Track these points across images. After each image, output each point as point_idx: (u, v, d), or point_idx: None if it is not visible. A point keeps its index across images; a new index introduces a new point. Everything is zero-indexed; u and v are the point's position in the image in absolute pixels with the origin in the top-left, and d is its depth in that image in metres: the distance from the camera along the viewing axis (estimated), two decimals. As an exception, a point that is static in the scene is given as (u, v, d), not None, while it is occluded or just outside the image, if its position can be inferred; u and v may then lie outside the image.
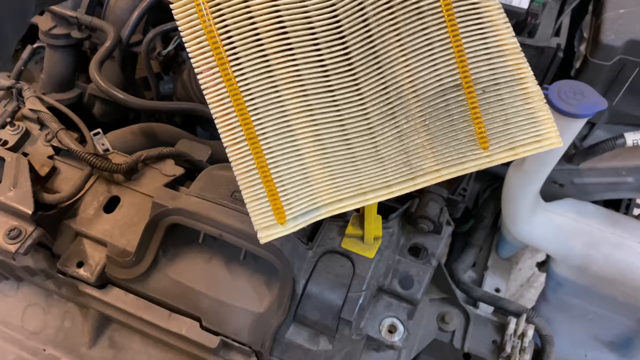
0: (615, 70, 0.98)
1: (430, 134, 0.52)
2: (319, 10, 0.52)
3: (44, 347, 0.94)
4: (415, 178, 0.54)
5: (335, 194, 0.56)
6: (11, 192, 0.85)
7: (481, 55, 0.48)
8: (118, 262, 0.86)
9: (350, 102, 0.54)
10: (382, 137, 0.53)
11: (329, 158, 0.55)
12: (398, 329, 0.81)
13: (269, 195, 0.55)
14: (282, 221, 0.56)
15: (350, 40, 0.53)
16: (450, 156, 0.53)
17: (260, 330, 0.82)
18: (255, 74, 0.54)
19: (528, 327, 0.97)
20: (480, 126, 0.51)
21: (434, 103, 0.51)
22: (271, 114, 0.54)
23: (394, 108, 0.52)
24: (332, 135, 0.54)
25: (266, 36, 0.53)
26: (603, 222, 1.09)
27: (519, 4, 0.94)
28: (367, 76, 0.53)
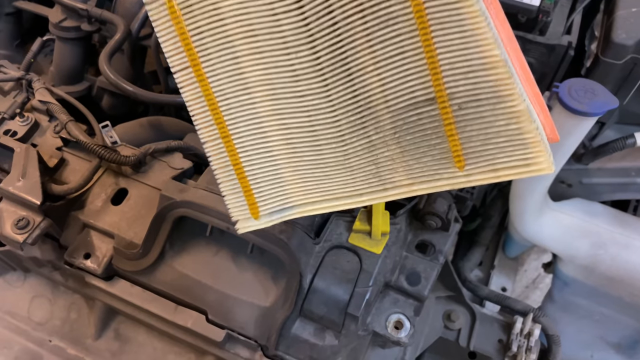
0: (627, 69, 0.97)
1: (402, 148, 0.49)
2: (287, 13, 0.50)
3: (49, 338, 0.94)
4: (386, 190, 0.52)
5: (306, 196, 0.55)
6: (20, 183, 0.85)
7: (459, 68, 0.43)
8: (125, 254, 0.86)
9: (320, 109, 0.52)
10: (352, 146, 0.51)
11: (300, 162, 0.54)
12: (404, 325, 0.80)
13: (244, 191, 0.55)
14: (256, 216, 0.57)
15: (320, 44, 0.50)
16: (422, 172, 0.50)
17: (266, 325, 0.82)
18: (227, 75, 0.53)
19: (534, 326, 0.97)
20: (455, 144, 0.46)
21: (405, 116, 0.47)
22: (244, 115, 0.54)
23: (365, 118, 0.49)
24: (303, 140, 0.53)
25: (237, 38, 0.52)
26: (611, 223, 1.08)
27: (531, 1, 0.93)
28: (337, 83, 0.50)
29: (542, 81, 1.04)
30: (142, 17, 1.15)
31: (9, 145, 0.90)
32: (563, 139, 0.93)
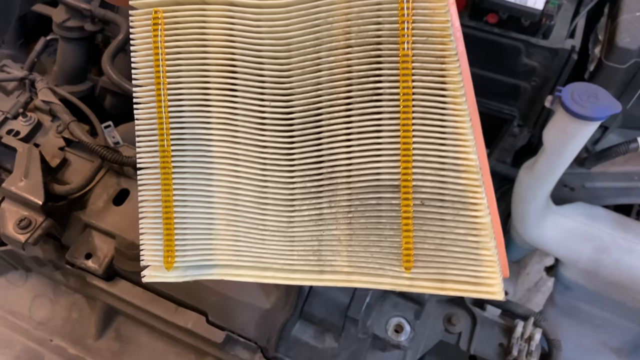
0: (630, 73, 0.97)
1: (352, 230, 0.44)
2: (272, 61, 0.46)
3: (50, 337, 0.95)
4: (322, 273, 0.47)
5: (233, 257, 0.50)
6: (22, 183, 0.86)
7: (431, 162, 0.40)
8: (126, 254, 0.86)
9: (278, 165, 0.47)
10: (300, 214, 0.46)
11: (238, 216, 0.49)
12: (404, 329, 0.80)
13: (165, 233, 0.50)
14: (169, 266, 0.52)
15: (296, 100, 0.46)
16: (365, 263, 0.45)
17: (266, 326, 0.82)
18: (192, 102, 0.49)
19: (535, 330, 0.97)
20: (408, 241, 0.43)
21: (364, 197, 0.43)
22: (195, 149, 0.49)
23: (322, 187, 0.45)
24: (249, 192, 0.48)
25: (214, 68, 0.48)
26: (614, 227, 1.08)
27: (534, 4, 0.93)
28: (303, 142, 0.46)
29: (545, 85, 1.03)
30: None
31: (11, 145, 0.90)
32: (565, 143, 0.93)
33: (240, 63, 0.48)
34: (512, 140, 1.14)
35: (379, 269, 0.45)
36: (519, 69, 1.02)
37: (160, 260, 0.50)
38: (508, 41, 0.98)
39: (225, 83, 0.48)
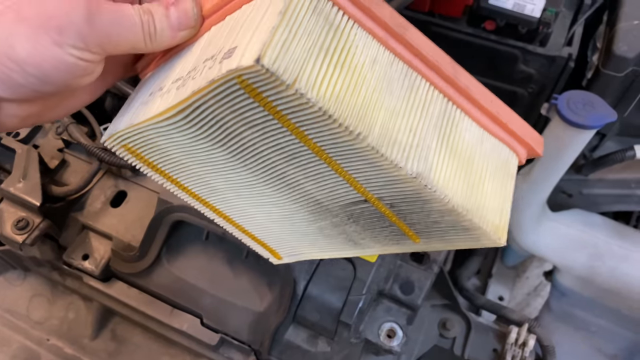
0: (627, 81, 0.97)
1: (362, 227, 0.49)
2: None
3: (47, 337, 0.95)
4: (364, 250, 0.54)
5: (309, 250, 0.58)
6: (20, 184, 0.86)
7: (376, 181, 0.42)
8: (122, 256, 0.87)
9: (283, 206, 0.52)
10: (320, 224, 0.52)
11: (288, 234, 0.56)
12: (397, 334, 0.81)
13: (261, 244, 0.59)
14: (279, 258, 0.60)
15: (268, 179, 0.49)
16: (386, 242, 0.51)
17: (260, 330, 0.82)
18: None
19: (529, 336, 0.97)
20: (404, 227, 0.46)
21: (349, 209, 0.47)
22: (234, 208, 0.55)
23: (319, 210, 0.49)
24: (283, 225, 0.54)
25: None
26: (610, 234, 1.08)
27: (531, 12, 0.93)
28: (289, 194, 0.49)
29: (542, 92, 1.04)
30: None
31: (11, 146, 0.91)
32: (561, 150, 0.93)
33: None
34: (509, 146, 1.14)
35: (397, 243, 0.50)
36: (516, 75, 1.02)
37: (272, 256, 0.60)
38: (505, 48, 0.98)
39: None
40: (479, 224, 0.42)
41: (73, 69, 0.41)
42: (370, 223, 0.48)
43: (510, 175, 0.46)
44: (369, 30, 0.39)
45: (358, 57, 0.38)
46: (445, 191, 0.40)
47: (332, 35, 0.37)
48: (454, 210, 0.41)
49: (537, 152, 0.47)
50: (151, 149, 0.46)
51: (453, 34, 1.01)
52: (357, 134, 0.37)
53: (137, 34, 0.41)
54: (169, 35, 0.43)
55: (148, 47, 0.43)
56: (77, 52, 0.40)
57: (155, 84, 0.45)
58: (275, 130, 0.39)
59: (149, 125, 0.43)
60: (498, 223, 0.44)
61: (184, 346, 0.89)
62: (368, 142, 0.37)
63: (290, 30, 0.35)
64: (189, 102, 0.39)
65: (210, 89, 0.37)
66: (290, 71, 0.34)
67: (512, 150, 0.47)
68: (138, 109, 0.44)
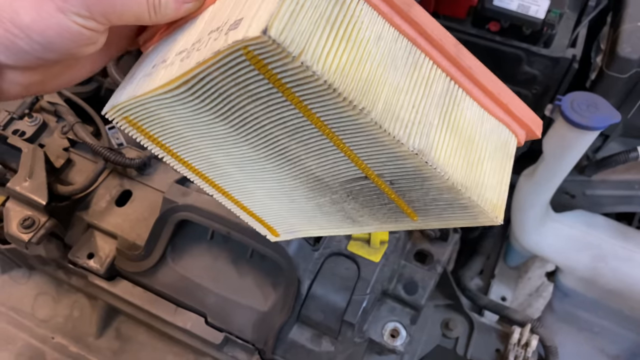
0: (631, 83, 0.98)
1: (360, 204, 0.50)
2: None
3: (52, 335, 0.96)
4: (362, 227, 0.54)
5: (306, 228, 0.58)
6: (26, 183, 0.87)
7: (377, 158, 0.43)
8: (127, 255, 0.87)
9: (286, 183, 0.52)
10: (319, 201, 0.53)
11: (288, 209, 0.56)
12: (400, 334, 0.81)
13: (258, 220, 0.59)
14: (277, 235, 0.60)
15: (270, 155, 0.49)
16: (385, 219, 0.51)
17: (264, 329, 0.83)
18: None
19: (532, 337, 0.97)
20: (402, 204, 0.47)
21: (349, 186, 0.48)
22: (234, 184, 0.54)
23: (318, 186, 0.50)
24: (282, 199, 0.54)
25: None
26: (612, 235, 1.08)
27: (536, 13, 0.93)
28: (289, 170, 0.49)
29: (546, 93, 1.04)
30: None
31: (17, 145, 0.91)
32: (565, 151, 0.94)
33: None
34: (513, 147, 1.14)
35: (396, 221, 0.50)
36: (520, 76, 1.02)
37: (269, 233, 0.60)
38: (509, 49, 0.99)
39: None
40: (477, 202, 0.42)
41: (77, 37, 0.40)
42: (369, 200, 0.48)
43: (509, 155, 0.46)
44: (375, 6, 0.39)
45: (364, 32, 0.38)
46: (445, 168, 0.41)
47: (338, 9, 0.37)
48: (453, 188, 0.41)
49: (535, 134, 0.48)
50: (153, 122, 0.46)
51: (457, 35, 1.00)
52: (361, 109, 0.37)
53: (141, 4, 0.41)
54: (173, 7, 0.43)
55: (152, 19, 0.43)
56: (81, 20, 0.40)
57: (159, 57, 0.45)
58: (279, 104, 0.39)
59: (152, 97, 0.42)
60: (496, 202, 0.44)
61: (188, 345, 0.89)
62: (371, 117, 0.37)
63: (298, 2, 0.35)
64: (193, 74, 0.39)
65: (215, 60, 0.37)
66: (296, 43, 0.34)
67: (512, 131, 0.47)
68: (140, 80, 0.44)
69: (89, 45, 0.42)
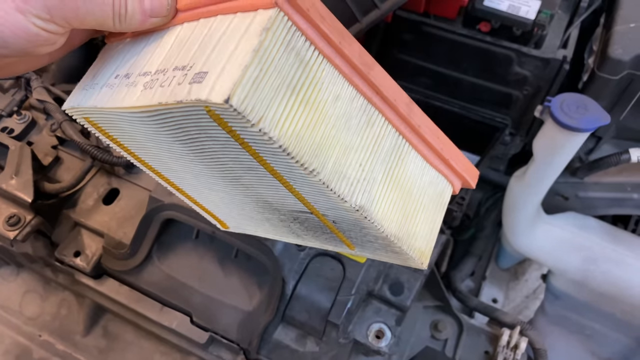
0: (623, 84, 0.97)
1: (305, 228, 0.54)
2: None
3: (39, 333, 0.96)
4: (307, 243, 0.57)
5: (253, 228, 0.61)
6: (13, 180, 0.87)
7: (321, 203, 0.45)
8: (113, 253, 0.87)
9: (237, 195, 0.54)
10: (266, 215, 0.56)
11: (236, 213, 0.59)
12: (385, 335, 0.80)
13: (207, 212, 0.61)
14: (227, 227, 0.63)
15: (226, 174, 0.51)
16: (327, 242, 0.55)
17: (249, 329, 0.82)
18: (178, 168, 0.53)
19: (521, 339, 0.97)
20: (342, 238, 0.51)
21: (295, 215, 0.51)
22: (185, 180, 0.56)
23: (266, 206, 0.53)
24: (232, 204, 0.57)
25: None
26: (604, 238, 1.08)
27: (526, 14, 0.93)
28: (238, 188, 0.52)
29: (537, 95, 1.03)
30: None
31: (4, 142, 0.91)
32: (555, 153, 0.93)
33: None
34: (504, 148, 1.14)
35: (337, 246, 0.55)
36: (510, 77, 1.02)
37: (218, 224, 0.63)
38: (500, 50, 0.98)
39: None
40: (407, 251, 0.46)
41: (34, 38, 0.39)
42: (313, 227, 0.52)
43: (442, 205, 0.50)
44: (337, 67, 0.40)
45: (323, 93, 0.39)
46: (382, 222, 0.44)
47: (301, 72, 0.38)
48: (387, 239, 0.45)
49: (470, 185, 0.52)
50: (113, 127, 0.47)
51: (448, 35, 1.00)
52: (312, 170, 0.39)
53: (106, 12, 0.40)
54: (139, 19, 0.42)
55: (116, 27, 0.42)
56: (40, 22, 0.38)
57: (122, 67, 0.45)
58: (236, 150, 0.41)
59: (113, 112, 0.43)
60: (424, 249, 0.48)
61: (174, 344, 0.89)
62: (320, 177, 0.39)
63: (262, 69, 0.35)
64: (154, 109, 0.39)
65: (177, 107, 0.38)
66: (256, 111, 0.35)
67: (449, 181, 0.50)
68: (103, 91, 0.44)
69: (46, 45, 0.41)
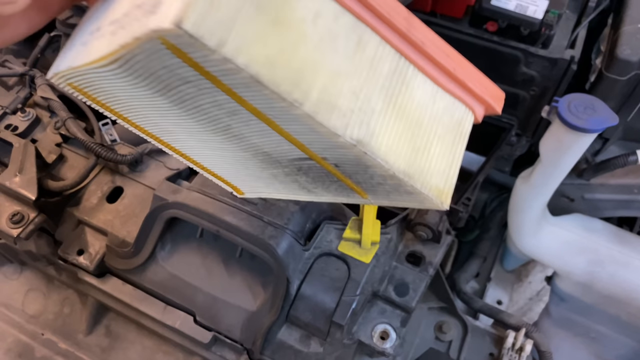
0: (631, 85, 0.96)
1: (312, 179, 0.49)
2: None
3: (42, 331, 0.95)
4: (319, 197, 0.53)
5: (265, 190, 0.58)
6: (17, 178, 0.86)
7: (317, 144, 0.41)
8: (117, 252, 0.87)
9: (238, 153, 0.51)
10: (272, 172, 0.52)
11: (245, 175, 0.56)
12: (390, 336, 0.80)
13: (222, 181, 0.58)
14: (242, 193, 0.60)
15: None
16: (336, 193, 0.50)
17: (252, 329, 0.82)
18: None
19: (527, 341, 0.96)
20: (350, 184, 0.46)
21: (297, 164, 0.47)
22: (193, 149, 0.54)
23: (269, 160, 0.49)
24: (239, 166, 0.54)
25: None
26: (610, 240, 1.07)
27: (534, 14, 0.92)
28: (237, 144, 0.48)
29: (544, 95, 1.03)
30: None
31: (8, 140, 0.91)
32: (561, 153, 0.92)
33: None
34: (510, 149, 1.13)
35: (347, 196, 0.50)
36: (517, 77, 1.01)
37: (234, 192, 0.61)
38: (507, 50, 0.97)
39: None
40: (421, 190, 0.42)
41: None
42: (319, 177, 0.47)
43: (462, 135, 0.44)
44: None
45: (298, 10, 0.34)
46: (386, 158, 0.39)
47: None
48: (395, 177, 0.40)
49: (495, 110, 0.45)
50: (96, 89, 0.43)
51: (455, 35, 1.00)
52: (292, 101, 0.34)
53: None
54: None
55: None
56: None
57: (96, 21, 0.41)
58: (210, 89, 0.37)
59: (87, 70, 0.39)
60: (442, 187, 0.43)
61: (177, 343, 0.88)
62: (304, 109, 0.35)
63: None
64: (118, 55, 0.35)
65: (136, 46, 0.33)
66: (216, 34, 0.30)
67: (469, 107, 0.44)
68: (78, 49, 0.40)
69: (6, 4, 0.37)
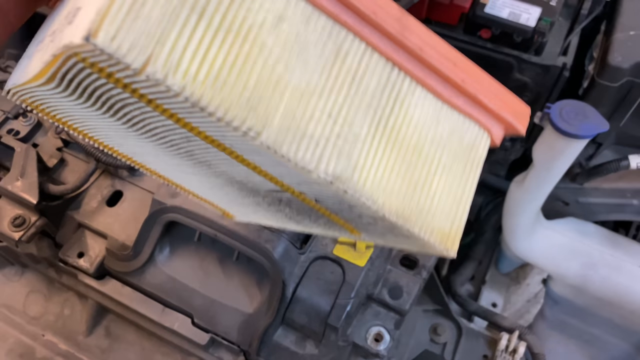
0: (623, 92, 0.97)
1: (297, 211, 0.42)
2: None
3: (43, 332, 0.97)
4: (309, 229, 0.45)
5: (255, 217, 0.54)
6: (18, 182, 0.88)
7: (291, 179, 0.34)
8: (116, 255, 0.88)
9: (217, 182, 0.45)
10: (256, 199, 0.45)
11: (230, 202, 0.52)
12: (384, 338, 0.81)
13: (211, 204, 0.56)
14: (232, 217, 0.59)
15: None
16: (327, 229, 0.43)
17: (249, 331, 0.83)
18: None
19: (520, 344, 0.98)
20: (337, 220, 0.38)
21: (277, 195, 0.40)
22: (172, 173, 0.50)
23: (248, 188, 0.43)
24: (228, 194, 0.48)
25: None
26: (603, 243, 1.08)
27: (527, 21, 0.94)
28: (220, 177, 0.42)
29: (537, 101, 1.04)
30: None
31: (10, 144, 0.93)
32: (554, 159, 0.94)
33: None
34: (504, 153, 1.14)
35: (337, 232, 0.42)
36: (511, 84, 1.03)
37: (225, 216, 0.59)
38: (500, 56, 0.99)
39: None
40: (419, 235, 0.33)
41: None
42: (303, 210, 0.39)
43: (474, 164, 0.35)
44: None
45: (254, 13, 0.27)
46: (374, 197, 0.31)
47: None
48: (387, 219, 0.32)
49: (517, 129, 0.35)
50: (50, 107, 0.37)
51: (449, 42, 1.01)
52: (246, 130, 0.26)
53: None
54: None
55: None
56: None
57: (44, 31, 0.36)
58: (150, 112, 0.30)
59: (32, 88, 0.33)
60: (448, 230, 0.34)
61: (175, 345, 0.90)
62: (261, 140, 0.27)
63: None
64: (48, 74, 0.29)
65: (56, 64, 0.28)
66: (139, 49, 0.24)
67: (483, 127, 0.35)
68: (25, 63, 0.35)
69: None
